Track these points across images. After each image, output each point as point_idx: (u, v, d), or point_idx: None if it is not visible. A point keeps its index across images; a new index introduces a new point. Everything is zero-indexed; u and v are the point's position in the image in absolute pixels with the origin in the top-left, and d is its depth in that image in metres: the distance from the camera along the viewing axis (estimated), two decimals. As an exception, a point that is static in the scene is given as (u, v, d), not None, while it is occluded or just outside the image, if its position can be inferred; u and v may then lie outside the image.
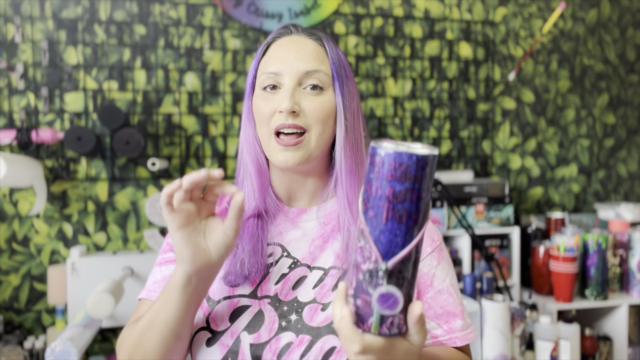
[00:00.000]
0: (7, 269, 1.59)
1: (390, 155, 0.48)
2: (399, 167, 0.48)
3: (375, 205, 0.49)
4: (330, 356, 0.63)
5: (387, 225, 0.49)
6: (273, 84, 0.69)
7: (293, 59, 0.69)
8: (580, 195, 2.10)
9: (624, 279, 1.77)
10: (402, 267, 0.49)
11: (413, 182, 0.49)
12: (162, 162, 1.62)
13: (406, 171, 0.48)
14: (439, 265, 0.72)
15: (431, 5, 1.92)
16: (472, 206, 1.75)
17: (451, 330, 0.69)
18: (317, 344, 0.64)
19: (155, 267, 0.75)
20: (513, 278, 1.78)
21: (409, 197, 0.48)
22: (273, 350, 0.64)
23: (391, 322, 0.50)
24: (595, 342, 1.70)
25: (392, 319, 0.50)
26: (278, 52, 0.70)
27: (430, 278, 0.71)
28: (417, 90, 1.91)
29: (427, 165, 0.49)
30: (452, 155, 1.95)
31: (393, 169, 0.48)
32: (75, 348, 1.16)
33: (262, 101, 0.70)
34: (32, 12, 1.60)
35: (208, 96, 1.73)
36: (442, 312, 0.70)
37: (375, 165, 0.49)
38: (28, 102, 1.60)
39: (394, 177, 0.48)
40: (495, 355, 1.38)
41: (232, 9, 1.73)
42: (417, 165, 0.48)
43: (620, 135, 2.14)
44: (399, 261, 0.49)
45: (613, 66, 2.13)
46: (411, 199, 0.48)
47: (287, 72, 0.68)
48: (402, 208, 0.49)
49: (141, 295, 0.73)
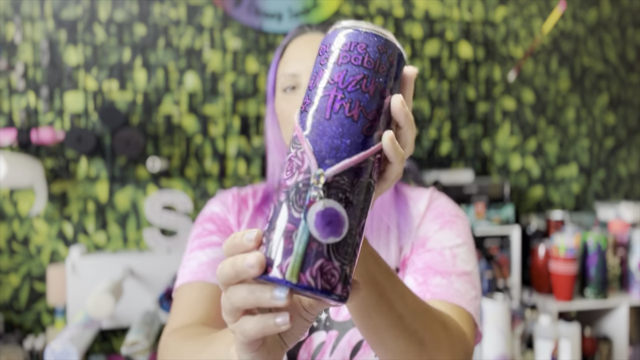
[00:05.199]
0: (7, 269, 1.59)
1: (347, 34, 0.37)
2: (355, 47, 0.36)
3: (317, 96, 0.36)
4: (359, 350, 0.62)
5: (330, 121, 0.35)
6: (292, 85, 0.69)
7: (309, 57, 0.69)
8: (580, 195, 2.10)
9: (624, 279, 1.77)
10: (347, 184, 0.34)
11: (373, 70, 0.36)
12: (162, 162, 1.62)
13: (365, 52, 0.36)
14: (441, 231, 0.69)
15: (431, 5, 1.92)
16: (472, 206, 1.75)
17: (425, 282, 0.63)
18: (344, 339, 0.63)
19: (193, 251, 0.72)
20: (513, 278, 1.78)
21: (365, 86, 0.36)
22: (308, 350, 0.64)
23: (319, 269, 0.33)
24: (595, 342, 1.70)
25: (322, 262, 0.33)
26: (294, 52, 0.71)
27: (423, 240, 0.68)
28: (417, 90, 1.91)
29: (393, 55, 0.38)
30: (452, 155, 1.95)
31: (348, 49, 0.36)
32: (75, 348, 1.16)
33: (284, 102, 0.69)
34: (32, 12, 1.60)
35: (208, 96, 1.73)
36: (422, 266, 0.65)
37: (325, 51, 0.37)
38: (28, 102, 1.60)
39: (347, 59, 0.36)
40: (495, 355, 1.38)
41: (232, 9, 1.73)
42: (379, 49, 0.37)
43: (620, 135, 2.14)
44: (344, 171, 0.34)
45: (613, 66, 2.13)
46: (368, 89, 0.36)
47: (305, 72, 0.68)
48: (355, 99, 0.35)
49: (183, 280, 0.68)
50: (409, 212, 0.73)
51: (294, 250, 0.33)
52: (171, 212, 1.65)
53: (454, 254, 0.66)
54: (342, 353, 0.62)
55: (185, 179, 1.71)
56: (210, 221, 0.75)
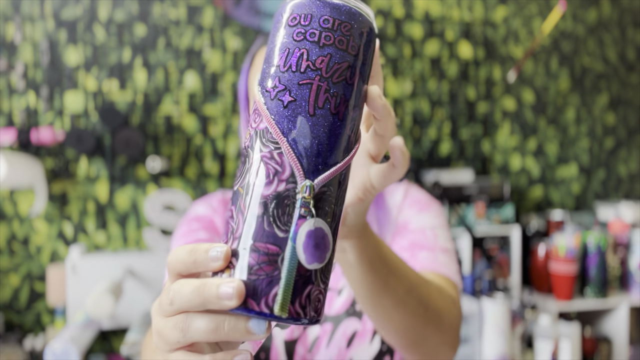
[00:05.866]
0: (7, 269, 1.59)
1: (332, 7, 0.30)
2: (339, 26, 0.30)
3: (293, 82, 0.30)
4: (354, 340, 0.65)
5: (315, 118, 0.29)
6: None
7: None
8: (580, 195, 2.10)
9: (624, 279, 1.77)
10: (332, 195, 0.30)
11: (356, 56, 0.31)
12: (162, 162, 1.62)
13: (350, 34, 0.30)
14: (420, 214, 0.72)
15: (431, 5, 1.92)
16: (472, 206, 1.75)
17: (413, 257, 0.66)
18: (339, 331, 0.65)
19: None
20: (513, 278, 1.78)
21: (349, 77, 0.30)
22: (304, 345, 0.66)
23: (307, 296, 0.29)
24: (595, 342, 1.70)
25: (310, 288, 0.29)
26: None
27: (405, 224, 0.70)
28: (417, 90, 1.91)
29: (372, 38, 0.32)
30: (452, 156, 1.95)
31: (331, 27, 0.30)
32: (75, 348, 1.16)
33: None
34: (32, 12, 1.60)
35: (208, 96, 1.73)
36: (408, 244, 0.67)
37: (300, 23, 0.30)
38: (28, 102, 1.60)
39: (330, 40, 0.30)
40: (495, 355, 1.38)
41: (232, 9, 1.73)
42: (363, 32, 0.31)
43: (620, 135, 2.14)
44: (330, 180, 0.30)
45: (613, 66, 2.13)
46: (352, 81, 0.31)
47: None
48: (341, 93, 0.30)
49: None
50: (385, 204, 0.76)
51: (283, 279, 0.27)
52: (171, 212, 1.65)
53: (435, 233, 0.70)
54: (338, 345, 0.65)
55: (185, 178, 1.71)
56: (195, 221, 0.75)
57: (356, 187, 0.41)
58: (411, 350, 0.54)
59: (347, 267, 0.47)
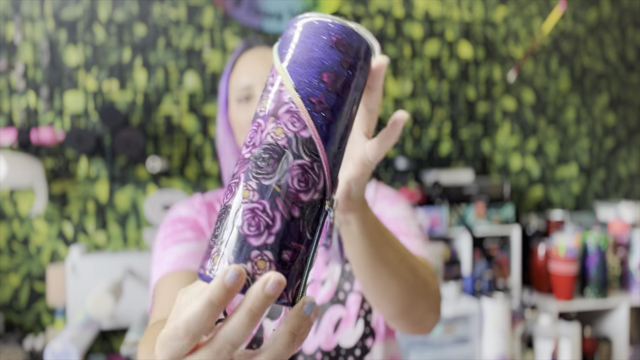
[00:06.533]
0: (7, 269, 1.59)
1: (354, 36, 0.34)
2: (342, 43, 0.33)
3: (337, 105, 0.33)
4: (340, 325, 0.69)
5: (345, 139, 0.34)
6: (246, 96, 0.75)
7: (260, 68, 0.75)
8: (580, 195, 2.10)
9: (624, 279, 1.77)
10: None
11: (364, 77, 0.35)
12: (162, 162, 1.62)
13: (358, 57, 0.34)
14: (392, 206, 0.78)
15: (431, 5, 1.92)
16: (472, 206, 1.75)
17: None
18: (325, 318, 0.70)
19: (168, 247, 0.70)
20: (513, 278, 1.78)
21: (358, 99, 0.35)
22: None
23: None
24: (595, 342, 1.70)
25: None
26: (246, 66, 0.76)
27: (379, 216, 0.77)
28: (418, 90, 1.91)
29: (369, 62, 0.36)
30: (452, 155, 1.95)
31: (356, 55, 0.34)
32: (75, 348, 1.16)
33: (240, 113, 0.75)
34: (32, 12, 1.60)
35: (208, 96, 1.73)
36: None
37: (339, 46, 0.33)
38: (28, 102, 1.60)
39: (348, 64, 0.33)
40: (495, 355, 1.38)
41: (232, 9, 1.73)
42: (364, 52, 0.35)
43: (620, 135, 2.14)
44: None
45: (613, 66, 2.13)
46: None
47: (258, 82, 0.74)
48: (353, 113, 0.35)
49: (162, 272, 0.66)
50: None
51: (304, 274, 0.31)
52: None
53: (408, 222, 0.76)
54: (326, 330, 0.69)
55: (185, 178, 1.71)
56: (179, 222, 0.74)
57: (356, 163, 0.45)
58: (402, 318, 0.59)
59: (351, 239, 0.52)
